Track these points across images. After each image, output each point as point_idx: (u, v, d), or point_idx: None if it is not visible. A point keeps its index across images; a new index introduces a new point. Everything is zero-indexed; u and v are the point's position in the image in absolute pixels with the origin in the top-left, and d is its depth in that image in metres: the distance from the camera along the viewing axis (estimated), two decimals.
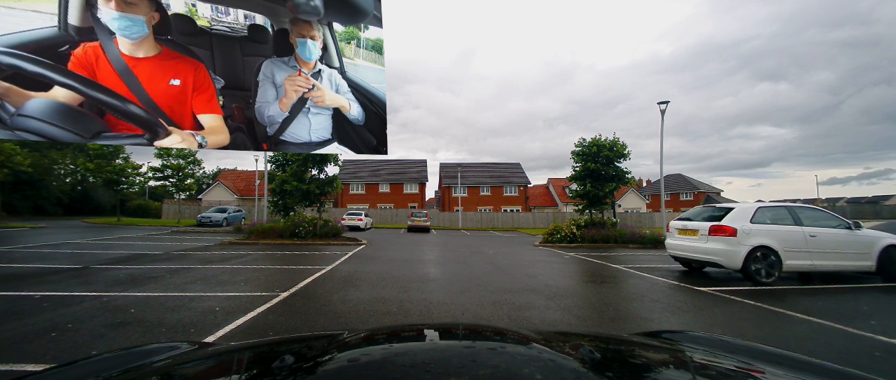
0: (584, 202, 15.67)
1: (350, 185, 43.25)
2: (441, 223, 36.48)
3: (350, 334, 1.08)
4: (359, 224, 25.88)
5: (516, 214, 38.31)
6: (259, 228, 14.01)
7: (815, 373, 0.92)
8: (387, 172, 44.83)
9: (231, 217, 27.10)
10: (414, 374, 0.70)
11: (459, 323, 3.54)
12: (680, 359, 0.99)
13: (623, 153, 15.09)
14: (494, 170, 48.64)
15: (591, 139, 15.55)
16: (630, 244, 14.20)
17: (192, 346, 1.13)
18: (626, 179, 15.29)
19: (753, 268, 6.47)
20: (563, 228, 14.85)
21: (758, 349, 1.11)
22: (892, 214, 51.84)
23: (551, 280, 6.91)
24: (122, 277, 6.58)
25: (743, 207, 7.00)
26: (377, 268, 8.09)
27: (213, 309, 4.59)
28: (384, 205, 42.36)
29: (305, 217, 14.35)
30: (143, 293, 5.34)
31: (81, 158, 30.28)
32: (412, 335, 1.19)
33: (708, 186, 59.34)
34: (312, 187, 14.23)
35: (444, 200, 46.62)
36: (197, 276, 6.77)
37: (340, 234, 14.74)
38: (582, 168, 15.64)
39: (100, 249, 10.92)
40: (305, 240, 13.47)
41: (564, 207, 44.86)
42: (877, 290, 6.28)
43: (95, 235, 15.48)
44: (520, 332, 1.11)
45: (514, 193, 45.01)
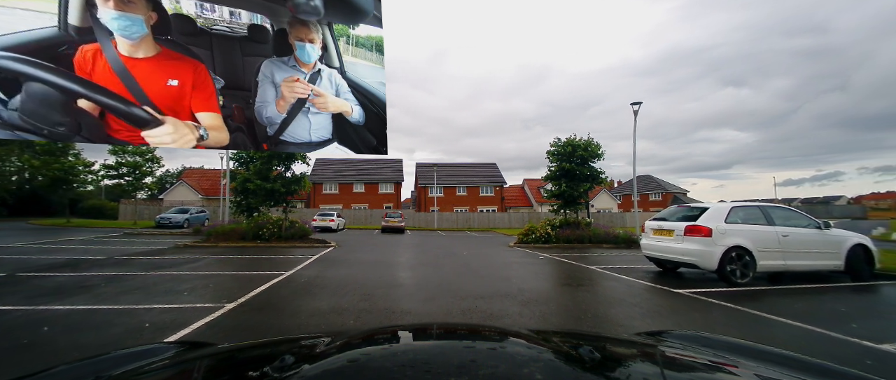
0: (559, 202, 15.51)
1: (323, 184, 42.04)
2: (417, 224, 35.94)
3: (350, 333, 1.10)
4: (330, 225, 25.02)
5: (492, 214, 38.23)
6: (219, 230, 13.06)
7: (812, 371, 0.92)
8: (361, 172, 43.77)
9: (193, 218, 25.60)
10: (414, 374, 0.70)
11: (460, 323, 3.50)
12: (679, 359, 0.99)
13: (597, 153, 15.04)
14: (471, 170, 48.45)
15: (566, 139, 15.42)
16: (604, 244, 14.16)
17: (191, 346, 1.12)
18: (600, 179, 15.26)
19: (729, 269, 6.35)
20: (537, 228, 14.64)
21: (756, 349, 1.10)
22: (842, 214, 55.21)
23: (526, 284, 6.58)
24: (48, 286, 5.79)
25: (717, 207, 6.89)
26: (341, 272, 7.55)
27: (142, 326, 3.98)
28: (358, 205, 41.35)
29: (271, 218, 13.49)
30: (66, 307, 4.64)
31: (27, 154, 27.98)
32: (412, 335, 1.18)
33: (675, 186, 61.34)
34: (278, 186, 13.36)
35: (420, 201, 46.07)
36: (136, 284, 6.05)
37: (308, 235, 13.98)
38: (557, 168, 15.48)
39: (35, 253, 9.84)
40: (269, 242, 12.64)
41: (539, 208, 45.25)
42: (846, 289, 6.29)
43: (37, 238, 14.12)
44: (520, 332, 1.13)
45: (490, 193, 44.97)
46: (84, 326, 3.96)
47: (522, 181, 53.14)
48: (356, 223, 35.56)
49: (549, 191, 15.88)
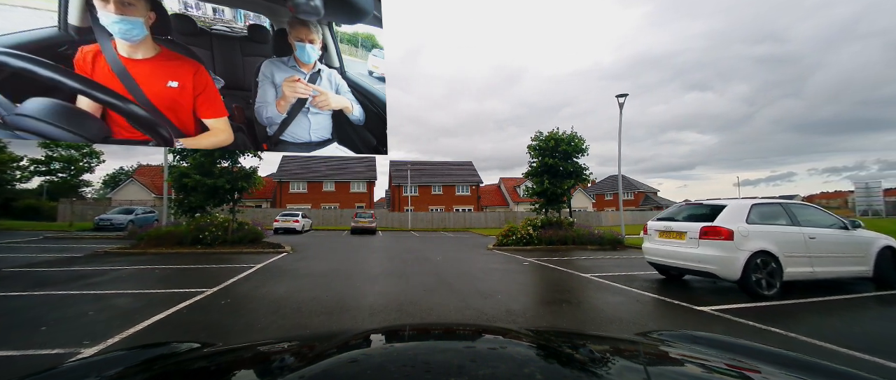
0: (542, 201, 14.35)
1: (290, 183, 39.67)
2: (390, 224, 34.27)
3: (351, 333, 1.09)
4: (295, 226, 23.09)
5: (468, 213, 37.05)
6: (153, 234, 11.10)
7: (815, 372, 0.90)
8: (332, 169, 41.55)
9: (139, 219, 22.90)
10: (414, 373, 0.68)
11: (460, 323, 3.43)
12: (679, 359, 0.97)
13: (581, 148, 13.94)
14: (446, 169, 47.09)
15: (549, 133, 14.23)
16: (588, 245, 13.15)
17: (192, 346, 1.11)
18: (584, 176, 14.21)
19: (753, 278, 5.28)
20: (518, 228, 13.38)
21: (757, 348, 1.07)
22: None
23: (512, 301, 5.29)
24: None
25: (736, 204, 5.82)
26: (283, 288, 6.02)
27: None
28: (329, 205, 39.19)
29: (216, 219, 11.62)
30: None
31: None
32: (412, 335, 1.16)
33: (646, 186, 62.16)
34: (221, 182, 11.55)
35: (394, 200, 44.34)
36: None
37: (261, 238, 12.16)
38: (539, 164, 14.29)
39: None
40: (212, 247, 10.80)
41: (515, 207, 44.50)
42: (882, 301, 5.34)
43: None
44: (519, 332, 1.12)
45: (466, 192, 43.79)
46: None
47: (498, 180, 52.28)
48: (325, 224, 33.52)
49: (530, 189, 14.71)
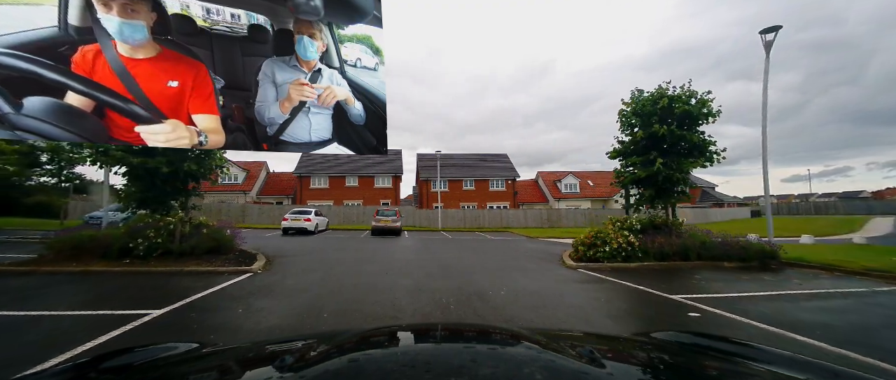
0: (648, 191, 9.66)
1: (310, 178, 36.48)
2: (418, 223, 30.26)
3: (351, 333, 1.09)
4: (306, 226, 19.45)
5: (504, 211, 32.50)
6: (68, 242, 7.49)
7: (813, 371, 0.89)
8: (354, 164, 38.04)
9: (132, 216, 20.11)
10: (414, 373, 0.68)
11: (460, 323, 3.42)
12: (679, 358, 0.98)
13: (710, 111, 9.11)
14: (479, 161, 42.58)
15: (656, 89, 9.51)
16: (724, 262, 8.49)
17: (192, 346, 1.11)
18: (710, 155, 9.48)
19: None
20: (610, 234, 8.73)
21: (756, 348, 1.07)
22: (885, 210, 48.91)
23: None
24: None
25: None
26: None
27: None
28: (352, 201, 35.66)
29: (162, 220, 7.83)
30: None
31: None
32: (412, 335, 1.15)
33: (704, 181, 55.38)
34: (158, 164, 7.71)
35: (422, 196, 40.37)
36: None
37: (228, 246, 8.28)
38: (643, 134, 9.46)
39: None
40: (147, 263, 7.08)
41: (556, 203, 39.60)
42: None
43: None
44: (520, 332, 1.11)
45: (501, 187, 39.19)
46: None
47: (536, 174, 47.39)
48: (346, 223, 29.92)
49: (626, 173, 10.01)
